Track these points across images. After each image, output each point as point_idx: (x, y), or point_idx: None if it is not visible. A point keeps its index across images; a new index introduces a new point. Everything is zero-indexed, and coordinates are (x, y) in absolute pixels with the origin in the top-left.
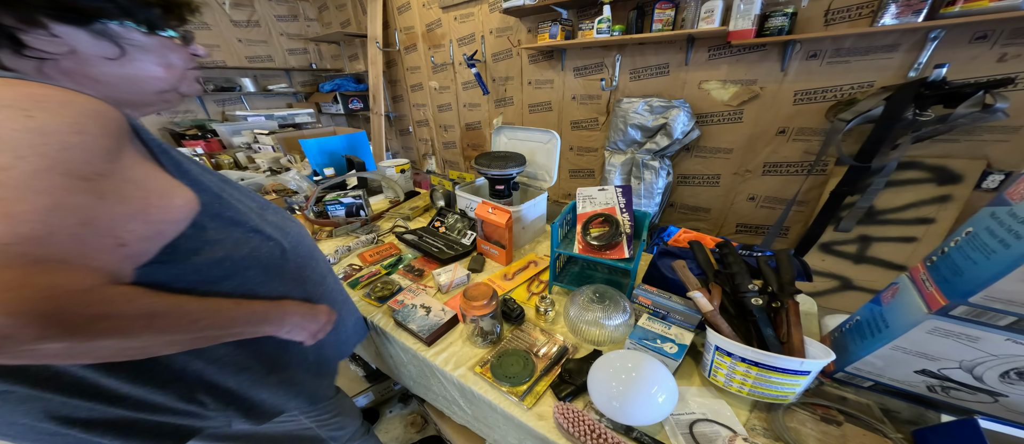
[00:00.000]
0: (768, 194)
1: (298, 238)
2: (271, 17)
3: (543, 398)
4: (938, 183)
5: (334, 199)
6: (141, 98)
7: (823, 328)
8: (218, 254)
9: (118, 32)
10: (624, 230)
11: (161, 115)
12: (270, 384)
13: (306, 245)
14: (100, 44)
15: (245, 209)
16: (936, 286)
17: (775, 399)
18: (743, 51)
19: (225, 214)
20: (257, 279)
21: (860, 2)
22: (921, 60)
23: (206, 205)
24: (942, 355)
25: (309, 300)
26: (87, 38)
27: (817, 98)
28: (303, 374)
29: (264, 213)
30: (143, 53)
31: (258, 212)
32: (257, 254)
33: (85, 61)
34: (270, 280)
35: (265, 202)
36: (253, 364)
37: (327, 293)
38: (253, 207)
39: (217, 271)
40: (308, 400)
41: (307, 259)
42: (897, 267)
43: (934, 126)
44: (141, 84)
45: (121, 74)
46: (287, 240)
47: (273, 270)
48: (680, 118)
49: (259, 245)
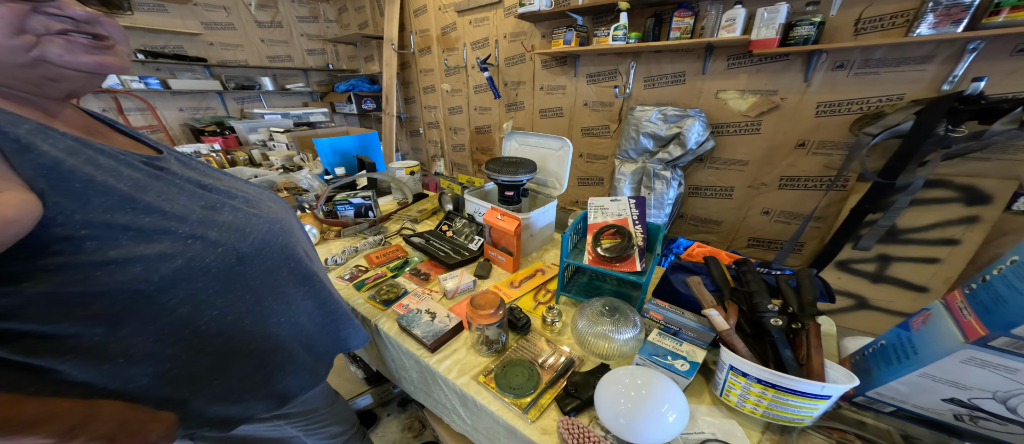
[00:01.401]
0: (783, 208)
1: (267, 237)
2: (293, 18)
3: (547, 411)
4: (966, 203)
5: (344, 199)
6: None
7: (842, 350)
8: (135, 269)
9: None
10: (636, 243)
11: (183, 112)
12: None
13: (280, 244)
14: None
15: (179, 212)
16: (975, 315)
17: (790, 422)
18: (764, 60)
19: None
20: (209, 290)
21: (894, 11)
22: (957, 73)
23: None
24: (975, 385)
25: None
26: None
27: (841, 110)
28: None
29: (214, 214)
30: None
31: (203, 214)
32: (199, 263)
33: None
34: (228, 289)
35: (218, 199)
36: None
37: (317, 290)
38: (196, 208)
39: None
40: (277, 402)
41: (283, 260)
42: (917, 288)
43: (967, 143)
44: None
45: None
46: (246, 243)
47: (227, 279)
48: (695, 128)
49: (200, 253)
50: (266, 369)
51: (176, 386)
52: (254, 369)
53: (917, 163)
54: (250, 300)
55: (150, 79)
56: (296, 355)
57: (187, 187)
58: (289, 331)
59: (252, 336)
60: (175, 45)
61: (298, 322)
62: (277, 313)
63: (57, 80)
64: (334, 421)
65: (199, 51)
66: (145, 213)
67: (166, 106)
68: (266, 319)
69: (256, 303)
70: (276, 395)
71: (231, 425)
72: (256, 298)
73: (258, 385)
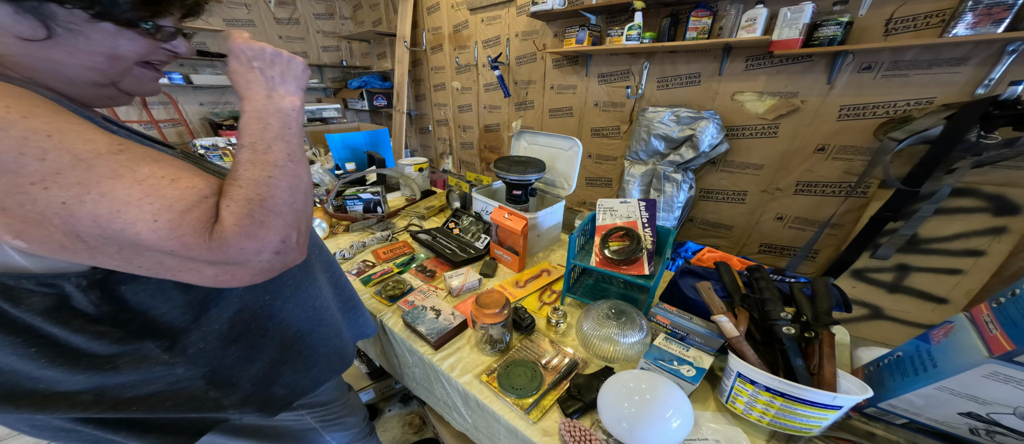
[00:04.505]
0: (798, 214)
1: None
2: (310, 15)
3: (549, 413)
4: (994, 213)
5: (354, 194)
6: (71, 88)
7: (855, 360)
8: None
9: (54, 12)
10: (645, 246)
11: (203, 106)
12: (285, 374)
13: (312, 234)
14: (21, 21)
15: None
16: (1002, 329)
17: (798, 432)
18: (785, 61)
19: None
20: None
21: (929, 10)
22: (993, 76)
23: None
24: (996, 400)
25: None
26: (8, 12)
27: (866, 114)
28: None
29: None
30: (78, 38)
31: None
32: None
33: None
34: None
35: None
36: (272, 352)
37: (336, 277)
38: None
39: None
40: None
41: (313, 247)
42: (937, 299)
43: (1000, 150)
44: (69, 71)
45: (44, 57)
46: None
47: None
48: (708, 130)
49: None
50: (305, 352)
51: (229, 368)
52: (296, 352)
53: (944, 170)
54: (292, 285)
55: (174, 75)
56: (329, 339)
57: None
58: (323, 315)
59: (293, 319)
60: (198, 41)
61: (328, 307)
62: (313, 298)
63: (108, 99)
64: (348, 413)
65: (222, 47)
66: None
67: (187, 100)
68: (304, 303)
69: (296, 289)
70: (313, 379)
71: (275, 409)
72: (296, 283)
73: (299, 368)
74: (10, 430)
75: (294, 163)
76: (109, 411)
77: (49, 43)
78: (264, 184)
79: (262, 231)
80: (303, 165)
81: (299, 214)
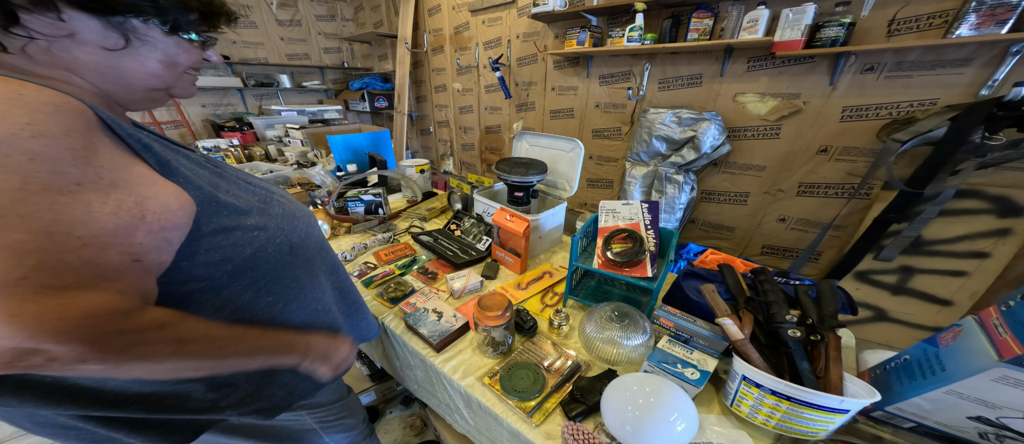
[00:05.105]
0: (801, 216)
1: (308, 230)
2: (311, 17)
3: (552, 416)
4: (998, 215)
5: (355, 195)
6: (126, 92)
7: (861, 363)
8: (214, 258)
9: (135, 26)
10: (648, 248)
11: (205, 107)
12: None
13: (316, 237)
14: (107, 34)
15: (245, 205)
16: (1011, 333)
17: (804, 435)
18: (787, 63)
19: (221, 214)
20: (267, 277)
21: (932, 11)
22: (997, 77)
23: (200, 206)
24: (1006, 404)
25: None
26: (97, 26)
27: (869, 115)
28: None
29: (268, 206)
30: (149, 48)
31: (260, 206)
32: (263, 254)
33: (79, 45)
34: (281, 277)
35: (268, 193)
36: None
37: (341, 281)
38: (255, 201)
39: (218, 275)
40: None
41: (318, 251)
42: (941, 301)
43: (1004, 152)
44: (132, 77)
45: (114, 64)
46: (296, 234)
47: (281, 267)
48: (710, 131)
49: (264, 244)
50: None
51: None
52: None
53: (948, 172)
54: (296, 288)
55: None
56: None
57: (240, 182)
58: (326, 318)
59: (296, 322)
60: None
61: (331, 310)
62: (316, 300)
63: (154, 101)
64: (348, 414)
65: (223, 49)
66: (224, 208)
67: (190, 102)
68: (308, 306)
69: (300, 291)
70: (312, 381)
71: (275, 411)
72: (300, 286)
73: (297, 370)
74: (16, 430)
75: (208, 362)
76: (110, 409)
77: (123, 52)
78: (169, 345)
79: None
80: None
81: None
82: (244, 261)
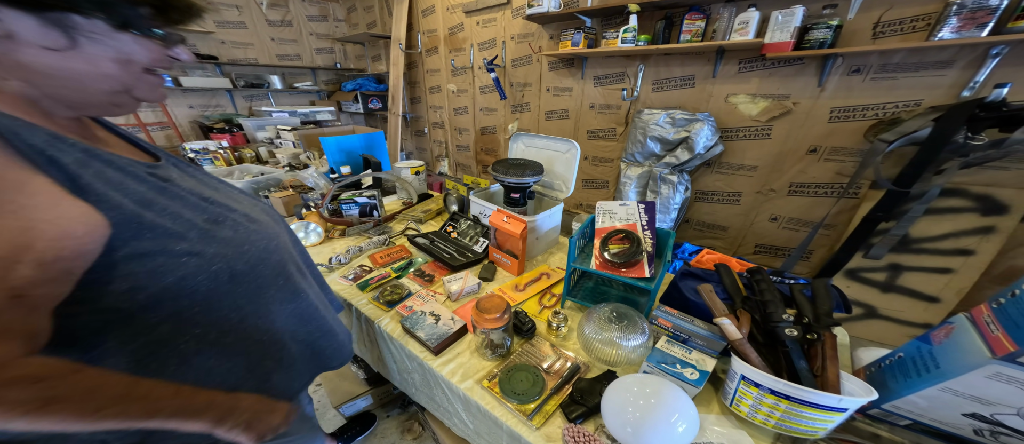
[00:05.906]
0: (792, 215)
1: (262, 255)
2: (303, 17)
3: (552, 418)
4: (982, 213)
5: (349, 198)
6: (82, 96)
7: (856, 361)
8: (122, 287)
9: (79, 24)
10: (646, 248)
11: (193, 109)
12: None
13: (274, 261)
14: (47, 33)
15: (179, 228)
16: (1003, 330)
17: (803, 434)
18: (777, 64)
19: (142, 238)
20: (195, 308)
21: (915, 14)
22: (978, 78)
23: (116, 228)
24: (999, 401)
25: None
26: (33, 25)
27: (856, 116)
28: None
29: (215, 229)
30: (99, 47)
31: (204, 228)
32: (190, 282)
33: (20, 47)
34: (215, 308)
35: (224, 213)
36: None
37: (298, 309)
38: (199, 221)
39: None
40: None
41: (274, 276)
42: (929, 298)
43: (986, 151)
44: (86, 80)
45: (63, 67)
46: (242, 260)
47: (216, 297)
48: (703, 132)
49: (193, 272)
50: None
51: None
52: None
53: (933, 171)
54: (235, 319)
55: None
56: (270, 376)
57: (190, 199)
58: (269, 350)
59: (231, 355)
60: (188, 43)
61: (280, 340)
62: (260, 332)
63: (119, 107)
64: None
65: (211, 49)
66: (148, 231)
67: (177, 103)
68: (247, 339)
69: (240, 322)
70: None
71: None
72: (241, 317)
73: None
74: None
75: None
76: None
77: (71, 54)
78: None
79: None
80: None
81: None
82: (162, 291)
